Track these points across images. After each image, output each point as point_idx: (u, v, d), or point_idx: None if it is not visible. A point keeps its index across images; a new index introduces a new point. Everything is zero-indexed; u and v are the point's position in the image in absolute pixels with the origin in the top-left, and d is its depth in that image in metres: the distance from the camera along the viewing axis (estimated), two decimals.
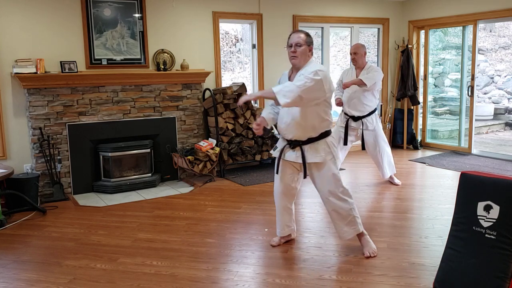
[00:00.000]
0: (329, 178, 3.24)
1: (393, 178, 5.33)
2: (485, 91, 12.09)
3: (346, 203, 3.27)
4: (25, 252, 3.55)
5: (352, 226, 3.30)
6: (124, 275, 3.09)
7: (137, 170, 5.48)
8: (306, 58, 3.18)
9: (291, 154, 3.28)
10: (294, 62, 3.20)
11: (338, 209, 3.28)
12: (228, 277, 3.04)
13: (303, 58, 3.17)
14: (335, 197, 3.26)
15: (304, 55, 3.17)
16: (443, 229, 3.78)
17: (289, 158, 3.30)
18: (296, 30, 3.34)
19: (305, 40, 3.17)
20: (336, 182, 3.25)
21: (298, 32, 3.23)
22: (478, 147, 7.38)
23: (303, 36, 3.18)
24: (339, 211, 3.28)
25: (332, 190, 3.26)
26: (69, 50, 5.15)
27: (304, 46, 3.16)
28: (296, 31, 3.25)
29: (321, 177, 3.27)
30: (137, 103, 5.46)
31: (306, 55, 3.18)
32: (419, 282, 2.89)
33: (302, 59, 3.17)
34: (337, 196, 3.26)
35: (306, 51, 3.17)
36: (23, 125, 5.00)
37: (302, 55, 3.16)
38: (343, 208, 3.27)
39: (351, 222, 3.30)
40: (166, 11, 5.68)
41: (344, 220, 3.29)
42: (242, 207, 4.59)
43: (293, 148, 3.27)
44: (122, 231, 3.97)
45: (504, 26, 13.12)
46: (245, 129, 5.99)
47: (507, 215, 2.46)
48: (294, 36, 3.20)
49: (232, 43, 8.12)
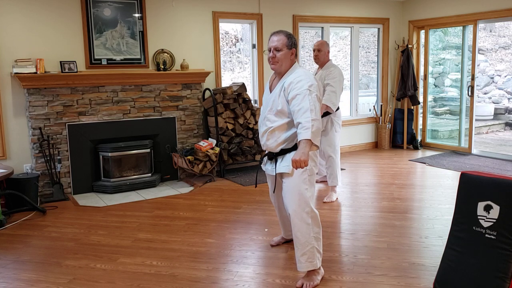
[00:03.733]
0: (295, 194, 2.87)
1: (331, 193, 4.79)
2: (485, 91, 12.09)
3: (308, 229, 2.86)
4: (25, 252, 3.55)
5: (309, 258, 2.87)
6: (124, 275, 3.09)
7: (137, 170, 5.48)
8: (288, 62, 2.90)
9: (268, 166, 3.08)
10: (274, 68, 2.92)
11: (297, 232, 2.87)
12: (228, 277, 3.04)
13: (284, 63, 2.89)
14: (298, 218, 2.86)
15: (285, 60, 2.88)
16: (443, 229, 3.78)
17: (266, 170, 3.11)
18: (277, 31, 2.93)
19: (285, 43, 2.86)
20: (303, 201, 2.85)
21: (278, 33, 2.90)
22: (478, 147, 7.38)
23: (283, 39, 2.87)
24: (297, 235, 2.87)
25: (297, 209, 2.86)
26: (69, 50, 5.15)
27: (284, 50, 2.86)
28: (276, 33, 2.92)
29: (287, 191, 2.92)
30: (137, 103, 5.45)
31: (288, 59, 2.89)
32: (419, 282, 2.89)
33: (283, 64, 2.89)
34: (300, 217, 2.86)
35: (288, 55, 2.88)
36: (23, 125, 5.00)
37: (283, 60, 2.87)
38: (302, 233, 2.85)
39: (308, 253, 2.86)
40: (166, 11, 5.68)
41: (301, 249, 2.87)
42: (242, 207, 4.59)
43: (270, 159, 3.03)
44: (122, 231, 3.97)
45: (504, 26, 13.12)
46: (245, 129, 5.99)
47: (507, 215, 2.46)
48: (273, 38, 2.90)
49: (232, 43, 8.12)
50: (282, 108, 2.86)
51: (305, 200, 2.86)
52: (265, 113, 2.98)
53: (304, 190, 2.86)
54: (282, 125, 2.89)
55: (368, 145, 7.66)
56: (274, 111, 2.91)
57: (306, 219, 2.86)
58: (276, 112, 2.89)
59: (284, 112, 2.87)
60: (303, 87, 2.73)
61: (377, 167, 6.27)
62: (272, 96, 2.94)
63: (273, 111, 2.91)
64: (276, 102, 2.89)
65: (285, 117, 2.87)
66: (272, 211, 4.39)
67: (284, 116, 2.87)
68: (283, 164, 2.92)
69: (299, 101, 2.72)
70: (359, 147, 7.55)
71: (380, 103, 7.67)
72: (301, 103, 2.70)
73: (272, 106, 2.92)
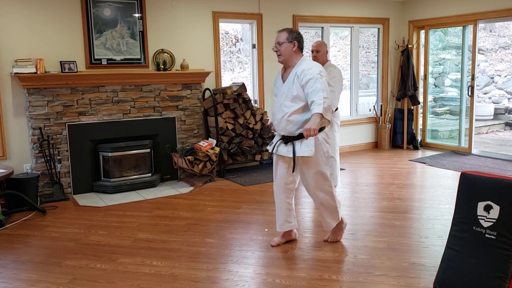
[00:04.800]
0: (317, 173, 3.35)
1: None
2: (485, 91, 12.09)
3: (331, 196, 3.45)
4: (25, 252, 3.55)
5: (334, 217, 3.51)
6: (124, 275, 3.09)
7: (137, 170, 5.48)
8: (293, 55, 3.30)
9: (283, 148, 3.38)
10: (280, 60, 3.34)
11: (324, 202, 3.45)
12: (228, 277, 3.04)
13: (288, 55, 3.29)
14: (322, 192, 3.42)
15: (288, 52, 3.29)
16: (443, 229, 3.78)
17: (281, 153, 3.39)
18: (281, 29, 3.38)
19: (286, 37, 3.27)
20: (323, 177, 3.37)
21: (281, 31, 3.34)
22: (478, 147, 7.38)
23: (283, 34, 3.29)
24: (325, 204, 3.46)
25: (320, 185, 3.39)
26: (69, 50, 5.15)
27: (285, 43, 3.27)
28: (279, 31, 3.35)
29: (309, 171, 3.36)
30: (137, 103, 5.45)
31: (292, 52, 3.29)
32: (419, 282, 2.89)
33: (287, 56, 3.30)
34: (324, 190, 3.41)
35: (290, 48, 3.28)
36: (23, 125, 5.00)
37: (286, 52, 3.28)
38: (327, 202, 3.45)
39: (333, 213, 3.50)
40: (166, 11, 5.68)
41: (328, 212, 3.49)
42: (242, 207, 4.59)
43: (286, 143, 3.35)
44: (122, 231, 3.97)
45: (504, 26, 13.12)
46: (245, 129, 5.99)
47: (507, 215, 2.46)
48: (277, 35, 3.35)
49: (232, 43, 8.12)
50: (297, 94, 3.23)
51: (324, 177, 3.38)
52: (281, 101, 3.33)
53: (323, 169, 3.35)
54: (298, 109, 3.25)
55: (368, 145, 7.66)
56: (289, 97, 3.27)
57: (328, 190, 3.42)
58: (292, 98, 3.25)
59: (299, 97, 3.23)
60: (314, 72, 3.15)
61: (377, 167, 6.27)
62: (287, 85, 3.30)
63: (288, 97, 3.27)
64: (291, 89, 3.26)
65: (301, 101, 3.23)
66: (272, 211, 4.39)
67: (299, 100, 3.24)
68: (304, 149, 3.26)
69: (312, 83, 3.13)
70: (359, 147, 7.55)
71: (380, 103, 7.67)
72: (314, 85, 3.12)
73: (287, 94, 3.28)
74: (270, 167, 6.33)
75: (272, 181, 5.50)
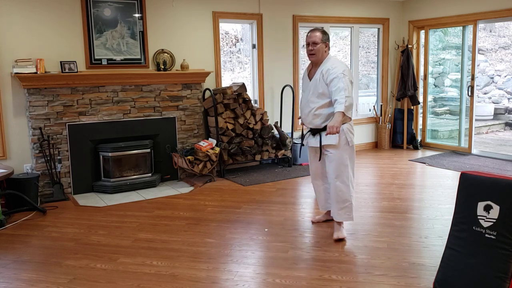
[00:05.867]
0: (339, 162, 3.56)
1: None
2: (485, 91, 12.09)
3: (348, 189, 3.60)
4: (25, 252, 3.55)
5: (346, 212, 3.65)
6: (124, 275, 3.10)
7: (137, 170, 5.48)
8: (323, 54, 3.57)
9: (311, 140, 3.71)
10: (313, 59, 3.60)
11: (339, 192, 3.60)
12: (228, 277, 3.04)
13: (320, 55, 3.56)
14: (340, 181, 3.59)
15: (321, 52, 3.55)
16: (443, 229, 3.79)
17: (310, 144, 3.73)
18: (313, 29, 3.63)
19: (321, 38, 3.54)
20: (344, 167, 3.57)
21: (314, 31, 3.58)
22: (478, 147, 7.38)
23: (319, 35, 3.54)
24: (339, 194, 3.61)
25: (339, 174, 3.57)
26: (69, 50, 5.15)
27: (320, 44, 3.53)
28: (312, 30, 3.59)
29: (331, 159, 3.58)
30: (137, 103, 5.46)
31: (323, 52, 3.56)
32: (419, 282, 2.90)
33: (319, 56, 3.56)
34: (342, 180, 3.58)
35: (323, 48, 3.55)
36: (23, 125, 5.00)
37: (319, 52, 3.54)
38: (343, 193, 3.60)
39: (347, 208, 3.64)
40: (166, 11, 5.68)
41: (341, 204, 3.62)
42: (242, 207, 4.59)
43: (313, 134, 3.68)
44: (122, 231, 3.97)
45: (504, 26, 13.12)
46: (245, 129, 5.99)
47: (507, 215, 2.46)
48: (311, 35, 3.57)
49: (232, 43, 8.12)
50: (323, 91, 3.51)
51: (345, 167, 3.57)
52: (308, 97, 3.62)
53: (344, 159, 3.56)
54: (323, 104, 3.53)
55: (368, 145, 7.66)
56: (316, 94, 3.55)
57: (346, 181, 3.59)
58: (318, 95, 3.54)
59: (325, 94, 3.51)
60: (338, 72, 3.41)
61: (377, 167, 6.27)
62: (314, 82, 3.58)
63: (315, 94, 3.56)
64: (317, 86, 3.54)
65: (326, 98, 3.52)
66: (272, 211, 4.39)
67: (325, 97, 3.52)
68: (329, 138, 3.53)
69: (335, 82, 3.39)
70: (359, 147, 7.55)
71: (380, 103, 7.67)
72: (337, 84, 3.38)
73: (314, 91, 3.57)
74: (270, 167, 6.34)
75: (272, 181, 5.55)
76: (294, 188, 5.26)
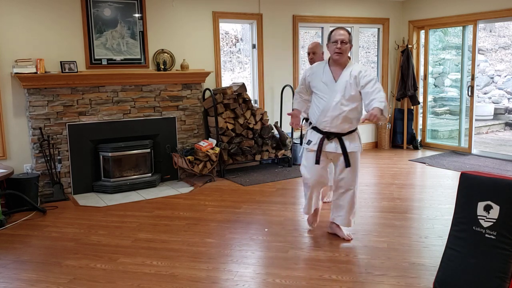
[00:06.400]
0: (356, 169, 3.53)
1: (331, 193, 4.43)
2: (485, 91, 12.08)
3: (356, 196, 3.62)
4: (25, 252, 3.55)
5: (354, 217, 3.68)
6: (124, 275, 3.09)
7: (137, 170, 5.48)
8: (347, 56, 3.45)
9: (330, 145, 3.50)
10: (338, 58, 3.41)
11: (354, 198, 3.60)
12: (228, 277, 3.04)
13: (345, 56, 3.43)
14: (355, 188, 3.58)
15: (347, 53, 3.43)
16: (443, 229, 3.78)
17: (329, 149, 3.51)
18: (339, 27, 3.46)
19: (349, 38, 3.41)
20: (356, 176, 3.56)
21: (343, 29, 3.42)
22: (478, 147, 7.38)
23: (347, 35, 3.39)
24: (354, 200, 3.61)
25: (355, 181, 3.57)
26: (69, 50, 5.15)
27: (348, 44, 3.39)
28: (341, 28, 3.44)
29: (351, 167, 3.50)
30: (137, 103, 5.46)
31: (348, 52, 3.44)
32: (419, 282, 2.90)
33: (345, 56, 3.43)
34: (356, 187, 3.60)
35: (349, 48, 3.43)
36: (23, 125, 5.00)
37: (346, 52, 3.41)
38: (354, 200, 3.61)
39: (354, 214, 3.67)
40: (166, 11, 5.68)
41: (353, 209, 3.63)
42: (242, 207, 4.59)
43: (330, 139, 3.49)
44: (122, 231, 3.97)
45: (504, 26, 13.12)
46: (245, 129, 5.99)
47: (507, 215, 2.46)
48: (341, 32, 3.39)
49: (232, 43, 8.11)
50: (355, 94, 3.39)
51: (357, 174, 3.57)
52: (337, 99, 3.40)
53: (357, 165, 3.56)
54: (353, 108, 3.42)
55: (368, 145, 7.66)
56: (347, 96, 3.40)
57: (356, 191, 3.61)
58: (349, 97, 3.39)
59: (356, 97, 3.41)
60: (372, 75, 3.37)
61: (377, 167, 6.27)
62: (342, 84, 3.40)
63: (345, 97, 3.40)
64: (348, 89, 3.39)
65: (356, 101, 3.42)
66: (272, 211, 4.39)
67: (355, 100, 3.41)
68: (353, 145, 3.49)
69: (372, 84, 3.33)
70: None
71: None
72: (375, 85, 3.33)
73: (344, 93, 3.40)
74: (270, 167, 6.34)
75: (272, 181, 5.54)
76: (294, 188, 5.26)
